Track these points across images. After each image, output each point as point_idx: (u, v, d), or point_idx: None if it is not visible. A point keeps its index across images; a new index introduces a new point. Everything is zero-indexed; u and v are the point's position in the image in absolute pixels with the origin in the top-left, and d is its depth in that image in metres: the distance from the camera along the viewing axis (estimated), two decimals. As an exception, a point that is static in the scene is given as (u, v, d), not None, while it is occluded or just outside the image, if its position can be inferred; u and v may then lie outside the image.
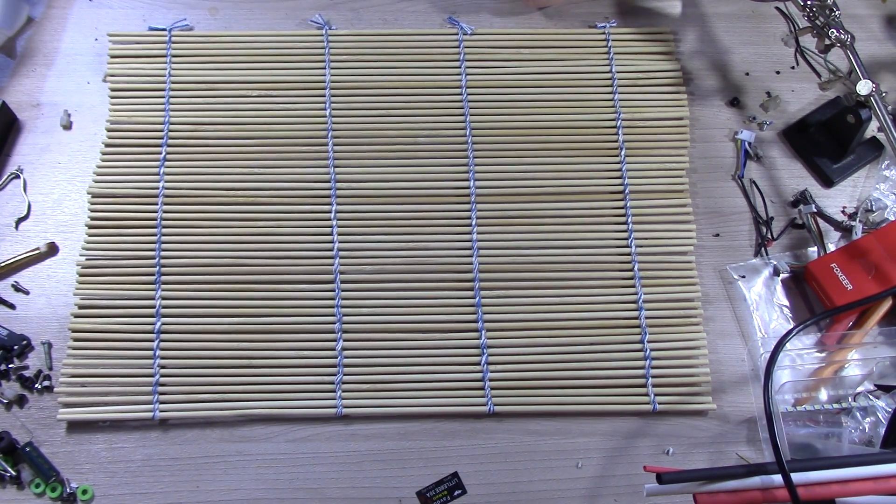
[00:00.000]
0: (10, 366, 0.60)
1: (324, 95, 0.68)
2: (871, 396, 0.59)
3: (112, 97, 0.67)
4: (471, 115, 0.67)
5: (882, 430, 0.58)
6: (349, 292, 0.62)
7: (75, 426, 0.59)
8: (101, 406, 0.59)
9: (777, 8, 0.72)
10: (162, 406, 0.59)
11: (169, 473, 0.58)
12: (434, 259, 0.63)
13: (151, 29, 0.69)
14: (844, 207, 0.67)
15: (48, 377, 0.60)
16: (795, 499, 0.49)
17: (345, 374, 0.60)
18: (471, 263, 0.63)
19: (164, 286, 0.62)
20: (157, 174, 0.65)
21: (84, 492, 0.57)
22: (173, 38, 0.69)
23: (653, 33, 0.71)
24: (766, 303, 0.63)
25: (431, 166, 0.66)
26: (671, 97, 0.69)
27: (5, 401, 0.59)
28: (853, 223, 0.65)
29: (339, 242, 0.63)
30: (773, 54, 0.72)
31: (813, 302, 0.64)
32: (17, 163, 0.66)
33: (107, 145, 0.66)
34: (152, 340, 0.60)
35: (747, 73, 0.71)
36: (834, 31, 0.63)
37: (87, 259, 0.62)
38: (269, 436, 0.59)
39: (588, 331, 0.62)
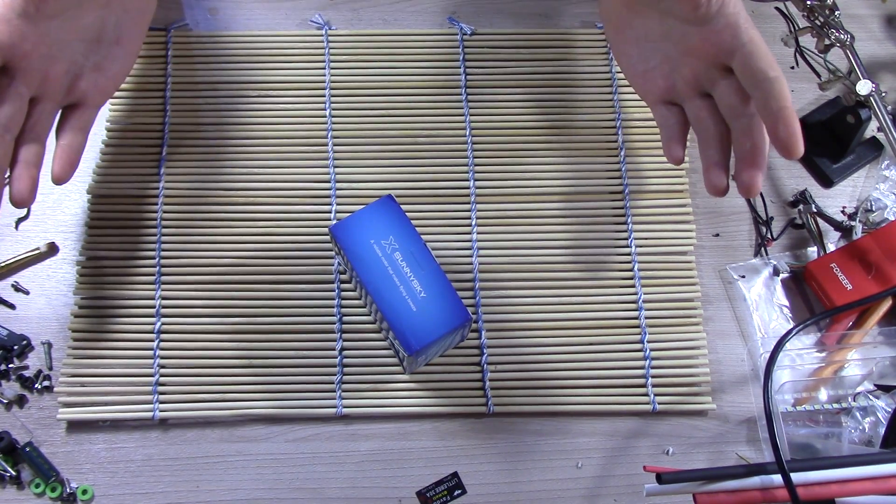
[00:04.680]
0: (10, 366, 0.60)
1: (324, 95, 0.68)
2: (871, 396, 0.59)
3: (112, 97, 0.67)
4: (471, 115, 0.67)
5: (882, 430, 0.58)
6: (349, 292, 0.62)
7: (75, 426, 0.59)
8: (101, 406, 0.59)
9: (777, 8, 0.72)
10: (162, 406, 0.59)
11: (169, 473, 0.58)
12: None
13: (150, 29, 0.69)
14: (844, 207, 0.67)
15: (48, 377, 0.60)
16: (795, 499, 0.49)
17: (344, 374, 0.60)
18: (471, 263, 0.63)
19: (164, 286, 0.62)
20: (157, 174, 0.65)
21: (84, 492, 0.57)
22: (173, 39, 0.69)
23: (653, 33, 0.71)
24: (765, 303, 0.63)
25: (431, 166, 0.66)
26: (671, 97, 0.69)
27: (5, 401, 0.59)
28: (853, 223, 0.65)
29: (339, 242, 0.63)
30: (772, 54, 0.72)
31: (813, 302, 0.64)
32: (17, 163, 0.66)
33: (107, 145, 0.66)
34: (152, 340, 0.60)
35: (747, 73, 0.71)
36: (834, 31, 0.63)
37: (87, 259, 0.62)
38: (269, 436, 0.59)
39: (588, 331, 0.62)
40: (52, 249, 0.63)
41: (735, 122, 0.51)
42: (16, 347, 0.60)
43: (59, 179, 0.53)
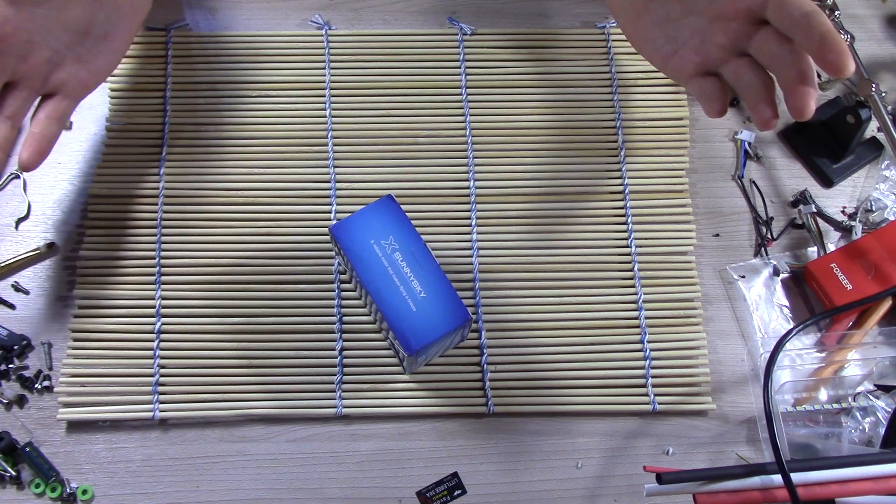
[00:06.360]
0: (10, 366, 0.60)
1: (324, 95, 0.68)
2: (871, 396, 0.59)
3: (112, 97, 0.67)
4: (471, 115, 0.67)
5: (882, 430, 0.58)
6: (349, 292, 0.62)
7: (75, 426, 0.59)
8: (101, 406, 0.59)
9: (777, 8, 0.72)
10: (162, 406, 0.59)
11: (169, 473, 0.58)
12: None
13: (150, 29, 0.69)
14: (844, 207, 0.67)
15: (48, 377, 0.60)
16: (795, 499, 0.49)
17: (344, 374, 0.60)
18: (471, 263, 0.63)
19: (164, 286, 0.62)
20: (157, 174, 0.65)
21: (84, 492, 0.57)
22: (173, 39, 0.69)
23: (653, 33, 0.71)
24: (765, 303, 0.63)
25: (431, 166, 0.66)
26: (671, 97, 0.69)
27: (5, 401, 0.59)
28: (853, 223, 0.65)
29: (339, 242, 0.63)
30: None
31: (813, 302, 0.64)
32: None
33: (107, 145, 0.66)
34: (152, 340, 0.60)
35: (747, 73, 0.71)
36: (834, 31, 0.63)
37: (87, 259, 0.62)
38: (269, 436, 0.59)
39: (588, 331, 0.62)
40: (52, 249, 0.63)
41: (779, 64, 0.51)
42: (16, 347, 0.60)
43: (26, 167, 0.53)
